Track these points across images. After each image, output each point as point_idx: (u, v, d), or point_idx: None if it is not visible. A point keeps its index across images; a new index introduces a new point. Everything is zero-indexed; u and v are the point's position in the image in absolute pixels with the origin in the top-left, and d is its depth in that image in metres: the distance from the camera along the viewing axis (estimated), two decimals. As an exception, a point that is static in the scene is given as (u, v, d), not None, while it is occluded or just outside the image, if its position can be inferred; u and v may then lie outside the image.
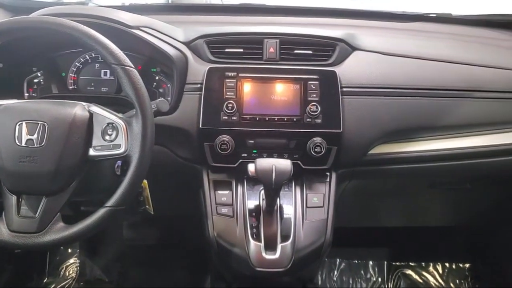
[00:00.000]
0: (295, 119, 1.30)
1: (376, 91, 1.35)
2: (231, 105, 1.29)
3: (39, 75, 1.44)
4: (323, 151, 1.29)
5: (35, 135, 1.02)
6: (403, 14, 1.77)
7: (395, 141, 1.38)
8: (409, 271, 2.29)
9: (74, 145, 1.04)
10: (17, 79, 1.42)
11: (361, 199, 1.70)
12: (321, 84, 1.31)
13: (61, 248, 2.24)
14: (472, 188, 1.63)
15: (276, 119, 1.31)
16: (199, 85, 1.32)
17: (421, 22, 1.73)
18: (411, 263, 2.31)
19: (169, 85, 1.42)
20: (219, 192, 1.31)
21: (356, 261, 2.31)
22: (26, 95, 1.44)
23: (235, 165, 1.32)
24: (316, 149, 1.28)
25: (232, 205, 1.29)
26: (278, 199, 1.26)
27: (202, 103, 1.30)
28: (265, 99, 1.32)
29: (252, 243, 1.23)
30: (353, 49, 1.40)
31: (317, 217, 1.29)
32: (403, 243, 2.32)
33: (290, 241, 1.24)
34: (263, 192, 1.27)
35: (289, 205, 1.30)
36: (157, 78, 1.43)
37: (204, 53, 1.37)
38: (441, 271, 2.30)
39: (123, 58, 1.07)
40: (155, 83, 1.43)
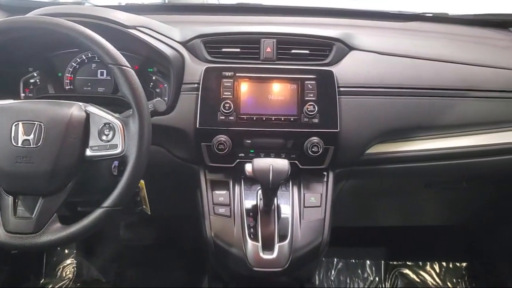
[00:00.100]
0: (292, 119, 1.30)
1: (373, 91, 1.35)
2: (228, 105, 1.29)
3: (35, 75, 1.44)
4: (320, 151, 1.29)
5: (31, 136, 1.02)
6: (400, 13, 1.77)
7: (392, 141, 1.39)
8: (406, 271, 2.30)
9: (70, 146, 1.04)
10: (13, 79, 1.42)
11: (358, 198, 1.70)
12: (318, 84, 1.31)
13: (58, 248, 2.24)
14: (468, 187, 1.63)
15: (273, 119, 1.31)
16: (196, 85, 1.32)
17: (418, 21, 1.73)
18: (408, 263, 2.31)
19: (166, 85, 1.41)
20: (216, 192, 1.31)
21: (353, 261, 2.31)
22: (22, 95, 1.43)
23: (233, 165, 1.32)
24: (313, 149, 1.28)
25: (229, 205, 1.29)
26: (275, 199, 1.26)
27: (199, 103, 1.30)
28: (262, 99, 1.32)
29: (249, 243, 1.23)
30: (350, 48, 1.40)
31: (315, 217, 1.29)
32: (400, 243, 2.32)
33: (287, 241, 1.24)
34: (260, 192, 1.27)
35: (287, 205, 1.30)
36: (154, 78, 1.43)
37: (201, 53, 1.36)
38: (438, 270, 2.30)
39: (119, 58, 1.06)
40: (152, 83, 1.43)
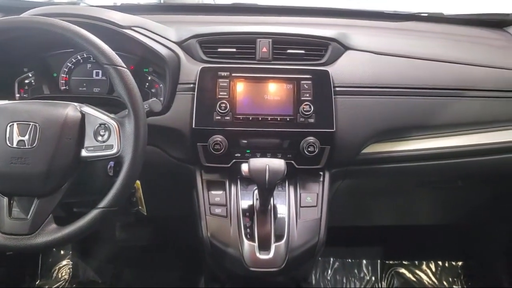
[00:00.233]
0: (288, 119, 1.30)
1: (368, 91, 1.35)
2: (224, 105, 1.29)
3: (30, 75, 1.43)
4: (317, 151, 1.29)
5: (26, 136, 1.01)
6: (395, 13, 1.77)
7: (387, 140, 1.39)
8: (403, 270, 2.30)
9: (66, 146, 1.03)
10: (8, 80, 1.41)
11: (354, 198, 1.70)
12: (314, 83, 1.32)
13: (54, 249, 2.23)
14: (463, 186, 1.64)
15: (269, 119, 1.31)
16: (192, 85, 1.32)
17: (413, 21, 1.74)
18: (404, 262, 2.32)
19: (161, 85, 1.41)
20: (212, 192, 1.31)
21: (349, 260, 2.31)
22: (17, 95, 1.42)
23: (229, 165, 1.32)
24: (309, 149, 1.28)
25: (225, 205, 1.29)
26: (271, 199, 1.26)
27: (195, 103, 1.29)
28: (258, 99, 1.32)
29: (246, 243, 1.23)
30: (346, 48, 1.40)
31: (311, 217, 1.29)
32: (396, 242, 2.33)
33: (284, 240, 1.24)
34: (256, 192, 1.27)
35: (283, 204, 1.30)
36: (150, 78, 1.42)
37: (196, 53, 1.36)
38: (434, 270, 2.31)
39: (115, 58, 1.06)
40: (147, 83, 1.42)
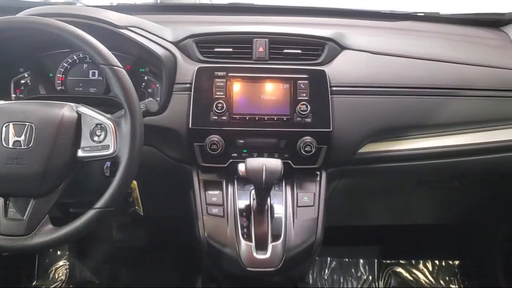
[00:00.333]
0: (285, 119, 1.30)
1: (365, 90, 1.36)
2: (220, 105, 1.28)
3: (26, 75, 1.42)
4: (313, 150, 1.29)
5: (22, 137, 1.01)
6: (392, 13, 1.78)
7: (384, 140, 1.39)
8: (400, 269, 2.31)
9: (62, 147, 1.03)
10: (3, 80, 1.41)
11: (351, 197, 1.70)
12: (310, 83, 1.32)
13: (50, 250, 2.23)
14: (460, 185, 1.64)
15: (266, 119, 1.31)
16: (188, 85, 1.31)
17: (410, 21, 1.74)
18: (401, 261, 2.32)
19: (158, 85, 1.41)
20: (209, 192, 1.31)
21: (346, 260, 2.32)
22: (13, 96, 1.42)
23: (225, 165, 1.32)
24: (306, 148, 1.29)
25: (222, 205, 1.29)
26: (268, 199, 1.26)
27: (191, 103, 1.29)
28: (255, 98, 1.32)
29: (243, 243, 1.23)
30: (342, 48, 1.41)
31: (308, 216, 1.29)
32: (393, 241, 2.33)
33: (281, 240, 1.24)
34: (253, 192, 1.27)
35: (280, 204, 1.30)
36: (146, 78, 1.42)
37: (193, 52, 1.36)
38: (431, 269, 2.31)
39: (111, 58, 1.06)
40: (144, 83, 1.42)
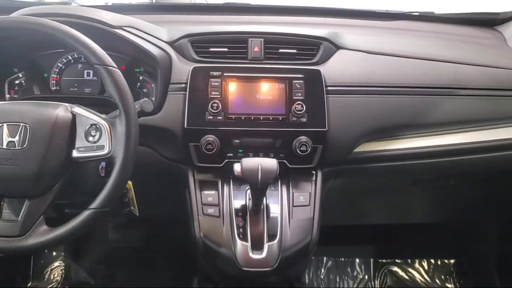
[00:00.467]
0: (280, 118, 1.30)
1: (360, 90, 1.36)
2: (216, 104, 1.28)
3: (20, 76, 1.42)
4: (309, 150, 1.29)
5: (16, 137, 1.01)
6: (387, 12, 1.78)
7: (379, 139, 1.39)
8: (395, 268, 2.31)
9: (56, 147, 1.03)
10: (-3, 80, 1.40)
11: (346, 197, 1.70)
12: (306, 83, 1.32)
13: (46, 251, 2.22)
14: (455, 185, 1.65)
15: (261, 119, 1.30)
16: (184, 85, 1.31)
17: (405, 20, 1.75)
18: (397, 260, 2.33)
19: (153, 85, 1.40)
20: (205, 192, 1.31)
21: (342, 259, 2.32)
22: (7, 96, 1.41)
23: (221, 165, 1.32)
24: (301, 148, 1.29)
25: (218, 205, 1.28)
26: (264, 199, 1.26)
27: (186, 103, 1.29)
28: (250, 98, 1.32)
29: (238, 243, 1.23)
30: (337, 48, 1.41)
31: (304, 216, 1.29)
32: (389, 241, 2.34)
33: (276, 240, 1.24)
34: (249, 191, 1.27)
35: (276, 204, 1.30)
36: (141, 78, 1.42)
37: (188, 52, 1.36)
38: (426, 268, 2.32)
39: (106, 58, 1.06)
40: (139, 83, 1.42)
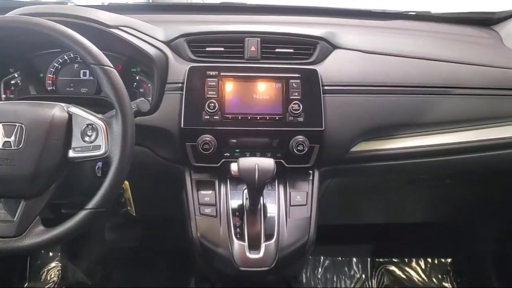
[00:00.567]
0: (277, 118, 1.30)
1: (357, 89, 1.36)
2: (212, 104, 1.28)
3: (16, 76, 1.41)
4: (306, 150, 1.29)
5: (12, 137, 1.01)
6: (383, 12, 1.78)
7: (376, 139, 1.39)
8: (392, 267, 2.32)
9: (53, 147, 1.02)
10: (-7, 81, 1.40)
11: (343, 196, 1.71)
12: (302, 82, 1.32)
13: (42, 251, 2.21)
14: (452, 184, 1.65)
15: (258, 118, 1.30)
16: (180, 85, 1.31)
17: (401, 20, 1.75)
18: (394, 259, 2.33)
19: (149, 85, 1.40)
20: (202, 192, 1.31)
21: (340, 258, 2.32)
22: (3, 96, 1.41)
23: (218, 165, 1.32)
24: (298, 148, 1.28)
25: (215, 205, 1.28)
26: (261, 198, 1.26)
27: (183, 103, 1.29)
28: (247, 98, 1.32)
29: (235, 242, 1.23)
30: (334, 47, 1.41)
31: (301, 215, 1.29)
32: (386, 240, 2.34)
33: (274, 240, 1.23)
34: (246, 191, 1.27)
35: (273, 204, 1.30)
36: (138, 78, 1.41)
37: (184, 52, 1.36)
38: (423, 267, 2.32)
39: (102, 58, 1.05)
40: (135, 83, 1.41)
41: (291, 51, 1.37)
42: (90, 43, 1.06)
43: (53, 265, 2.22)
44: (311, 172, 1.35)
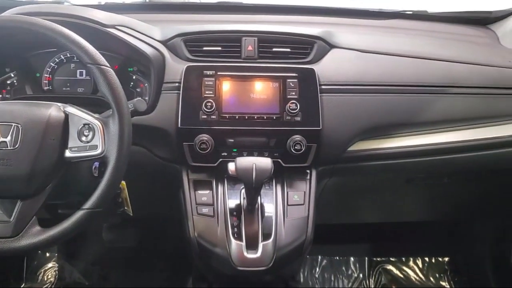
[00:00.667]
0: (274, 117, 1.30)
1: (354, 88, 1.36)
2: (210, 104, 1.28)
3: (12, 76, 1.41)
4: (303, 149, 1.29)
5: (8, 137, 1.00)
6: (380, 11, 1.79)
7: (374, 138, 1.39)
8: (390, 267, 2.32)
9: (49, 147, 1.02)
10: (-11, 81, 1.39)
11: (341, 196, 1.70)
12: (300, 82, 1.32)
13: (39, 252, 2.20)
14: (449, 183, 1.65)
15: (255, 118, 1.30)
16: (177, 84, 1.31)
17: (398, 19, 1.75)
18: (391, 259, 2.33)
19: (146, 85, 1.40)
20: (199, 192, 1.30)
21: (337, 258, 2.32)
22: (-1, 96, 1.41)
23: (215, 165, 1.31)
24: (296, 147, 1.28)
25: (212, 205, 1.28)
26: (259, 198, 1.26)
27: (180, 102, 1.29)
28: (244, 97, 1.31)
29: (233, 242, 1.23)
30: (331, 46, 1.41)
31: (298, 215, 1.29)
32: (383, 239, 2.34)
33: (271, 239, 1.23)
34: (243, 191, 1.27)
35: (270, 203, 1.30)
36: (134, 77, 1.41)
37: (181, 51, 1.35)
38: (421, 266, 2.33)
39: (98, 57, 1.05)
40: (132, 83, 1.41)
41: (288, 50, 1.37)
42: (86, 42, 1.06)
43: (50, 265, 2.21)
44: (308, 171, 1.35)
